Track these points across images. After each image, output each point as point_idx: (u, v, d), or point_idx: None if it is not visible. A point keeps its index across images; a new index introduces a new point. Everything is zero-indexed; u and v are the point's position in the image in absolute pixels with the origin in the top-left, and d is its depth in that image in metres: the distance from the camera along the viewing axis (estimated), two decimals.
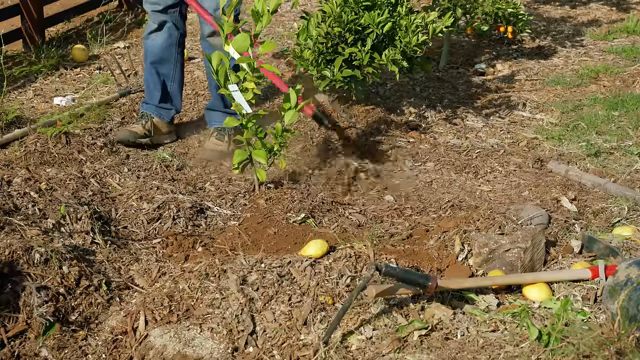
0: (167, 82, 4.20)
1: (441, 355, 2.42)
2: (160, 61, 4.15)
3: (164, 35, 4.11)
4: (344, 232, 3.30)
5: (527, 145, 4.25)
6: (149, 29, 4.15)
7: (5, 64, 5.06)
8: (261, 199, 3.53)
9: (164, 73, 4.18)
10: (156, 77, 4.17)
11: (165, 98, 4.21)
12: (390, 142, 4.27)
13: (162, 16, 4.08)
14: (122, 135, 4.10)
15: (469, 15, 5.32)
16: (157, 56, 4.14)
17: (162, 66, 4.17)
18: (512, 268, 2.88)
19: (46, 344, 2.53)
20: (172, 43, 4.14)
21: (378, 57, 4.15)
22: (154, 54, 4.15)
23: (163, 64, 4.16)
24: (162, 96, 4.20)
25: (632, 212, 3.38)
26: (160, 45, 4.12)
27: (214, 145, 4.09)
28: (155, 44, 4.13)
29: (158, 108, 4.20)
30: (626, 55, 5.76)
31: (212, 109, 4.22)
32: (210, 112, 4.24)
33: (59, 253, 2.77)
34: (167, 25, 4.10)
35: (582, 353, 2.31)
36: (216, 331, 2.53)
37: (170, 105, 4.24)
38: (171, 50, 4.15)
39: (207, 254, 3.10)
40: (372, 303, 2.60)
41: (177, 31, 4.14)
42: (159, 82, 4.17)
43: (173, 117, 4.29)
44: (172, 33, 4.13)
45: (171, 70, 4.19)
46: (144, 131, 4.13)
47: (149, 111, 4.19)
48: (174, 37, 4.14)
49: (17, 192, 3.26)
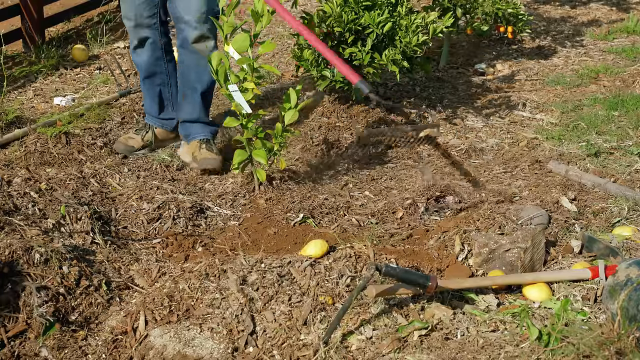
0: (164, 92, 4.05)
1: (441, 355, 2.42)
2: (151, 75, 3.99)
3: (147, 52, 3.93)
4: (344, 232, 3.31)
5: (527, 145, 4.25)
6: (131, 44, 3.96)
7: (5, 64, 5.06)
8: (261, 199, 3.53)
9: (158, 84, 4.02)
10: (151, 90, 4.03)
11: (165, 108, 4.08)
12: (390, 142, 4.27)
13: (141, 31, 3.86)
14: (118, 148, 4.01)
15: (469, 15, 5.32)
16: (147, 71, 3.98)
17: (154, 79, 4.01)
18: (512, 268, 2.88)
19: (46, 344, 2.53)
20: (159, 56, 3.96)
21: (378, 57, 4.15)
22: (143, 70, 3.98)
23: (155, 76, 4.00)
24: (161, 107, 4.07)
25: (632, 212, 3.38)
26: (146, 62, 3.95)
27: (208, 154, 3.86)
28: (142, 61, 3.96)
29: (160, 119, 4.09)
30: (626, 55, 5.76)
31: (192, 121, 3.94)
32: (189, 124, 3.96)
33: (59, 253, 2.77)
34: (148, 42, 3.89)
35: (582, 353, 2.31)
36: (216, 331, 2.53)
37: (172, 114, 4.09)
38: (159, 62, 3.98)
39: (207, 254, 3.10)
40: (372, 303, 2.60)
41: (160, 42, 3.92)
42: (155, 94, 4.03)
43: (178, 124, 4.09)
44: (155, 47, 3.93)
45: (165, 79, 4.02)
46: (142, 144, 4.04)
47: (151, 122, 4.09)
48: (158, 49, 3.94)
49: (17, 192, 3.26)
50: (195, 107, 3.91)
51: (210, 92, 3.97)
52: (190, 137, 3.94)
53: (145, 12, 3.80)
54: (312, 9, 6.44)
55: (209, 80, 3.84)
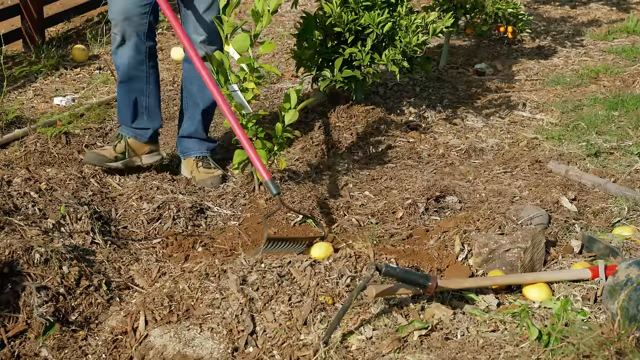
0: (140, 99, 3.72)
1: (441, 355, 2.42)
2: (129, 79, 3.67)
3: (130, 53, 3.60)
4: (344, 232, 3.31)
5: (527, 145, 4.25)
6: (114, 42, 3.62)
7: (5, 64, 5.07)
8: (261, 199, 3.53)
9: (135, 90, 3.70)
10: (126, 97, 3.71)
11: (139, 117, 3.75)
12: (390, 142, 4.27)
13: (127, 28, 3.54)
14: (89, 158, 3.68)
15: (469, 15, 5.33)
16: (126, 75, 3.65)
17: (132, 84, 3.68)
18: (512, 268, 2.88)
19: (46, 344, 2.53)
20: (141, 60, 3.64)
21: (378, 57, 4.15)
22: (122, 72, 3.66)
23: (134, 81, 3.67)
24: (135, 115, 3.74)
25: (632, 212, 3.38)
26: (127, 64, 3.62)
27: (207, 175, 3.74)
28: (122, 62, 3.63)
29: (133, 129, 3.76)
30: (626, 55, 5.76)
31: (188, 137, 3.82)
32: (186, 140, 3.84)
33: (59, 253, 2.77)
34: (132, 41, 3.57)
35: (582, 353, 2.31)
36: (216, 331, 2.53)
37: (147, 124, 3.77)
38: (140, 67, 3.65)
39: (207, 254, 3.10)
40: (372, 303, 2.60)
41: (145, 45, 3.61)
42: (131, 101, 3.71)
43: (153, 135, 3.81)
44: (139, 49, 3.60)
45: (144, 85, 3.70)
46: (115, 154, 3.71)
47: (123, 132, 3.77)
48: (142, 52, 3.62)
49: (17, 192, 3.26)
50: (194, 122, 3.80)
51: (212, 110, 3.85)
52: (186, 154, 3.84)
53: (137, 9, 3.52)
54: (312, 9, 6.45)
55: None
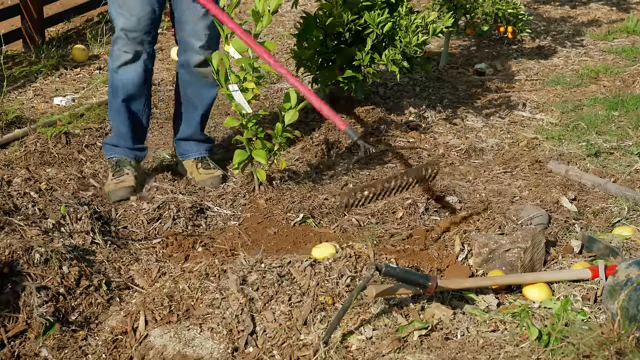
0: (140, 119, 3.64)
1: (441, 355, 2.42)
2: (131, 98, 3.55)
3: (139, 70, 3.50)
4: (344, 232, 3.31)
5: (527, 145, 4.25)
6: (118, 59, 3.48)
7: (5, 64, 5.07)
8: (261, 199, 3.53)
9: (135, 111, 3.59)
10: (127, 116, 3.58)
11: (139, 138, 3.68)
12: (390, 142, 4.27)
13: (138, 45, 3.45)
14: (118, 196, 3.47)
15: (469, 15, 5.32)
16: (129, 93, 3.53)
17: (134, 103, 3.58)
18: (512, 268, 2.88)
19: (46, 344, 2.53)
20: (147, 78, 3.57)
21: (378, 57, 4.15)
22: (126, 91, 3.53)
23: (135, 100, 3.57)
24: (136, 137, 3.66)
25: (632, 212, 3.38)
26: (133, 82, 3.51)
27: (207, 176, 3.70)
28: (128, 80, 3.50)
29: (133, 151, 3.66)
30: (626, 55, 5.76)
31: (186, 139, 3.78)
32: (184, 142, 3.79)
33: (59, 253, 2.77)
34: (142, 58, 3.48)
35: (582, 353, 2.31)
36: (216, 331, 2.53)
37: (144, 144, 3.72)
38: (144, 86, 3.57)
39: (207, 254, 3.10)
40: (372, 303, 2.60)
41: (150, 61, 3.55)
42: (131, 122, 3.60)
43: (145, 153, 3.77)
44: (148, 65, 3.53)
45: (142, 105, 3.61)
46: (137, 182, 3.55)
47: (124, 155, 3.63)
48: (149, 69, 3.56)
49: (17, 192, 3.26)
50: (191, 125, 3.76)
51: (209, 112, 3.82)
52: (184, 156, 3.81)
53: (148, 22, 3.44)
54: (312, 9, 6.45)
55: (210, 97, 3.71)
